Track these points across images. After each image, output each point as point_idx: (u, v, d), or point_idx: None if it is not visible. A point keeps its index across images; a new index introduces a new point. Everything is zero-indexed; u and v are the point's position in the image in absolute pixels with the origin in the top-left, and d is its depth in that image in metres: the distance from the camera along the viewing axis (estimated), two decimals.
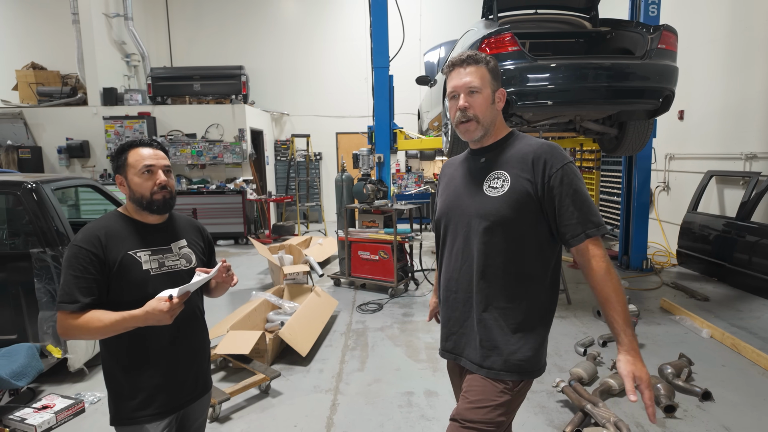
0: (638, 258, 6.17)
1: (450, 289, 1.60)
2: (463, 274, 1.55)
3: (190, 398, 1.65)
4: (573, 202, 1.43)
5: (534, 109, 4.10)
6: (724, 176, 5.94)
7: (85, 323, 1.42)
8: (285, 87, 10.91)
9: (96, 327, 1.42)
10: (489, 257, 1.48)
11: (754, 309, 4.62)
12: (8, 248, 3.61)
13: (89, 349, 3.45)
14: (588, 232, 1.42)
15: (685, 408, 2.92)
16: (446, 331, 1.64)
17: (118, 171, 1.58)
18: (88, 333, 1.43)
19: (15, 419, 2.81)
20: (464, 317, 1.56)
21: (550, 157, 1.45)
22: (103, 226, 1.53)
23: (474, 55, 1.52)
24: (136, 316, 1.40)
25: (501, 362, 1.48)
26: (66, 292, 1.44)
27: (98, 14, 8.73)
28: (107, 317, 1.42)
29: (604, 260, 1.42)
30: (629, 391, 1.32)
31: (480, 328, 1.51)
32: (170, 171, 1.60)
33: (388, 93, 6.08)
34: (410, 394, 3.19)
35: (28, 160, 8.24)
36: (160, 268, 1.55)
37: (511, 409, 1.50)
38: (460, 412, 1.48)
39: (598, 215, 1.45)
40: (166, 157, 1.60)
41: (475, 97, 1.50)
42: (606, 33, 4.62)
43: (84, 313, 1.43)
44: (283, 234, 9.01)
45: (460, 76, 1.51)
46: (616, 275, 1.43)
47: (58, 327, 1.46)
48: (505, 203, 1.46)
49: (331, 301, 4.60)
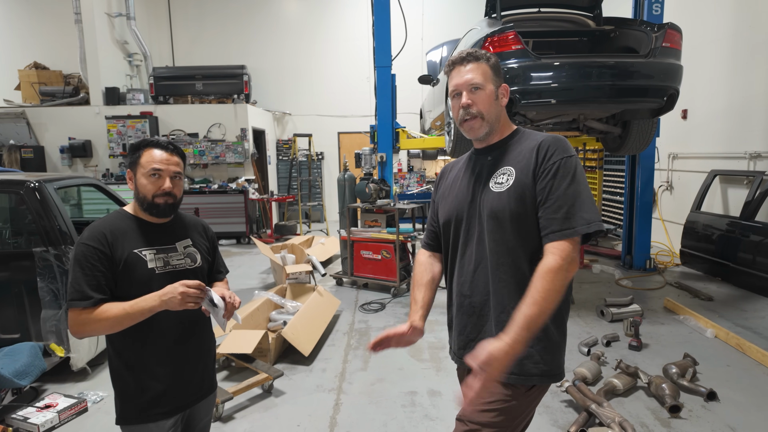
0: (641, 257, 6.15)
1: (464, 294, 1.52)
2: (477, 277, 1.49)
3: (196, 398, 1.64)
4: (565, 196, 1.35)
5: (538, 108, 4.09)
6: (727, 175, 5.92)
7: (97, 317, 1.41)
8: (287, 86, 10.91)
9: (109, 317, 1.41)
10: (501, 255, 1.43)
11: (759, 309, 4.60)
12: (11, 247, 3.62)
13: (92, 348, 3.44)
14: (577, 228, 1.33)
15: (690, 408, 2.91)
16: (464, 339, 1.54)
17: (129, 166, 1.57)
18: (101, 326, 1.42)
19: (18, 418, 2.81)
20: (482, 322, 1.49)
21: (552, 147, 1.41)
22: (109, 224, 1.52)
23: (474, 52, 1.49)
24: (151, 297, 1.42)
25: (515, 366, 1.38)
26: (76, 289, 1.43)
27: (101, 14, 8.74)
28: (119, 306, 1.42)
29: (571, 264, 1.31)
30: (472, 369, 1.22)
31: (499, 332, 1.37)
32: (180, 177, 1.58)
33: (390, 92, 6.07)
34: (413, 394, 3.18)
35: (31, 159, 8.26)
36: (164, 267, 1.55)
37: (519, 413, 1.44)
38: (466, 413, 1.45)
39: (592, 212, 1.36)
40: (178, 163, 1.58)
41: (478, 94, 1.46)
42: (610, 31, 4.59)
43: (96, 308, 1.42)
44: (286, 233, 9.00)
45: (462, 74, 1.48)
46: (563, 286, 1.31)
47: (70, 326, 1.44)
48: (511, 197, 1.41)
49: (334, 301, 4.59)
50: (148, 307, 1.42)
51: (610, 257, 6.81)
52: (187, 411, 1.64)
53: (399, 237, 5.30)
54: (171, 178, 1.54)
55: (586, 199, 1.37)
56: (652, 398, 3.04)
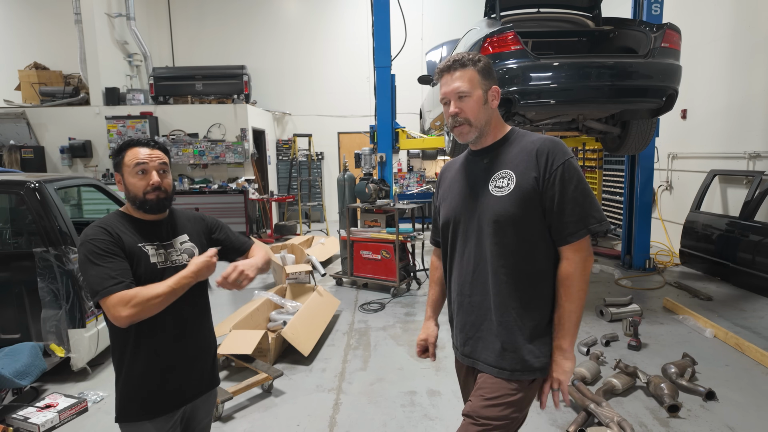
0: (641, 257, 6.16)
1: (464, 294, 1.58)
2: (477, 277, 1.54)
3: (196, 392, 1.65)
4: (573, 198, 1.43)
5: (537, 108, 4.09)
6: (727, 175, 5.92)
7: (142, 292, 1.40)
8: (287, 87, 10.91)
9: (158, 293, 1.42)
10: (502, 258, 1.48)
11: (758, 308, 4.60)
12: (11, 247, 3.62)
13: (92, 348, 3.45)
14: (591, 227, 1.43)
15: (688, 408, 2.91)
16: (463, 336, 1.62)
17: (116, 169, 1.59)
18: (151, 300, 1.40)
19: (18, 418, 2.82)
20: (480, 320, 1.55)
21: (552, 152, 1.45)
22: (106, 222, 1.53)
23: (460, 59, 1.51)
24: (186, 273, 1.47)
25: (519, 363, 1.48)
26: (103, 278, 1.39)
27: (100, 14, 8.74)
28: (163, 284, 1.45)
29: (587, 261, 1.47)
30: (544, 394, 1.51)
31: (500, 330, 1.50)
32: (167, 171, 1.59)
33: (390, 92, 6.07)
34: (413, 394, 3.19)
35: (31, 159, 8.26)
36: (165, 263, 1.56)
37: (524, 405, 1.51)
38: (474, 409, 1.49)
39: (600, 211, 1.46)
40: (163, 156, 1.58)
41: (465, 101, 1.49)
42: (609, 32, 4.60)
43: (131, 288, 1.41)
44: (285, 233, 9.01)
45: (449, 83, 1.51)
46: (585, 282, 1.48)
47: (112, 317, 1.38)
48: (513, 202, 1.45)
49: (334, 301, 4.59)
50: (187, 282, 1.47)
51: (610, 257, 6.82)
52: (188, 409, 1.65)
53: (399, 237, 5.30)
54: (157, 172, 1.55)
55: (593, 198, 1.46)
56: (651, 398, 3.05)
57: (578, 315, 1.45)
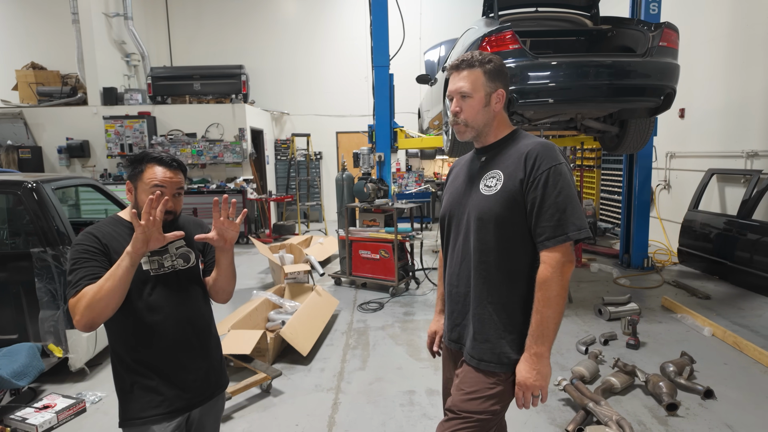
0: (639, 256, 6.17)
1: (452, 284, 1.64)
2: (462, 270, 1.59)
3: (202, 398, 1.62)
4: (555, 204, 1.42)
5: (535, 108, 4.10)
6: (725, 174, 5.93)
7: (90, 293, 1.35)
8: (285, 86, 10.90)
9: (102, 288, 1.35)
10: (483, 254, 1.52)
11: (756, 307, 4.61)
12: (9, 248, 3.61)
13: (90, 349, 3.44)
14: (569, 234, 1.41)
15: (687, 406, 2.92)
16: (451, 323, 1.67)
17: (130, 178, 1.54)
18: (100, 300, 1.34)
19: (16, 419, 2.81)
20: (465, 310, 1.60)
21: (540, 156, 1.45)
22: (101, 229, 1.52)
23: (469, 59, 1.52)
24: (127, 252, 1.36)
25: (494, 356, 1.51)
26: (72, 282, 1.39)
27: (98, 14, 8.72)
28: (106, 274, 1.37)
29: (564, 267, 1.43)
30: (518, 400, 1.47)
31: (475, 322, 1.55)
32: (181, 193, 1.57)
33: (388, 92, 6.08)
34: (412, 393, 3.19)
35: (29, 159, 8.24)
36: (159, 269, 1.55)
37: (505, 398, 1.53)
38: (455, 404, 1.53)
39: (582, 219, 1.44)
40: (181, 181, 1.56)
41: (466, 102, 1.53)
42: (607, 31, 4.61)
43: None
44: (284, 233, 9.00)
45: (455, 81, 1.54)
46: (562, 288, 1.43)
47: (76, 321, 1.36)
48: (498, 202, 1.48)
49: (332, 300, 4.59)
50: (125, 264, 1.36)
51: (608, 256, 6.83)
52: (194, 414, 1.62)
53: (397, 236, 5.30)
54: (172, 196, 1.53)
55: (576, 206, 1.45)
56: (650, 396, 3.05)
57: (556, 321, 1.43)
